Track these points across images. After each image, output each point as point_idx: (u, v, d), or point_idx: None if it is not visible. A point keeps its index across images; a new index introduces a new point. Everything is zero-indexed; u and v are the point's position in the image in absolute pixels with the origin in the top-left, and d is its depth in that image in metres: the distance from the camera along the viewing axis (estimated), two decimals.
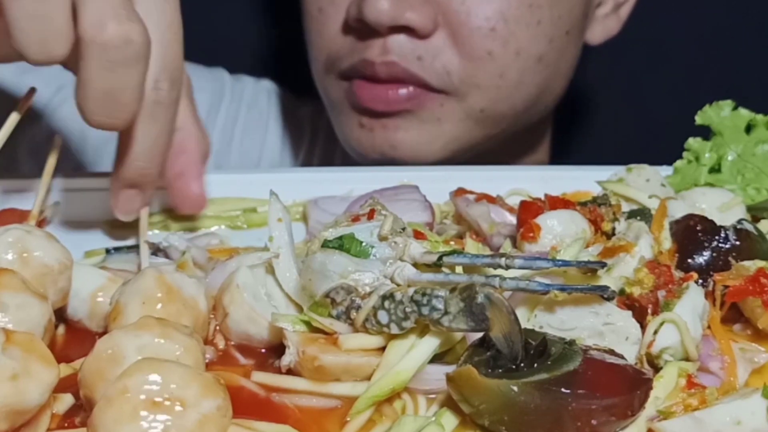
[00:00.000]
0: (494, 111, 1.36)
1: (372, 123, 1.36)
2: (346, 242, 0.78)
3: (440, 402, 0.75)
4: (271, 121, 1.68)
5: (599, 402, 0.69)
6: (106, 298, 0.83)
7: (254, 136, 1.65)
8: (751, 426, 0.70)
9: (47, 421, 0.69)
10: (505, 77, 1.33)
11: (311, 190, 1.08)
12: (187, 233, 1.04)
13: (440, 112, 1.34)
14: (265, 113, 1.68)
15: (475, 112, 1.35)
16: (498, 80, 1.33)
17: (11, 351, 0.67)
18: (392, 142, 1.35)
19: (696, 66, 1.80)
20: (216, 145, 1.60)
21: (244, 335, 0.81)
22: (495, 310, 0.70)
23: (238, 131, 1.64)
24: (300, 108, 1.70)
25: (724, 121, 1.10)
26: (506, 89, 1.34)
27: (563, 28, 1.37)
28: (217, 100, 1.63)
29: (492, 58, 1.31)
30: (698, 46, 1.78)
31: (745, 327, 0.83)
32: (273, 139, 1.67)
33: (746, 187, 1.07)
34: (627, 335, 0.76)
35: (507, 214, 0.98)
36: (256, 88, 1.70)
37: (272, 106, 1.69)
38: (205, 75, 1.65)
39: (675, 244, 0.87)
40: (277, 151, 1.66)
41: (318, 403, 0.75)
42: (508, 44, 1.31)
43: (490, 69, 1.32)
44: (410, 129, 1.35)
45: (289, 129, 1.68)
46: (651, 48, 1.77)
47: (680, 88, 1.77)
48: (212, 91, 1.63)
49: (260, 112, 1.67)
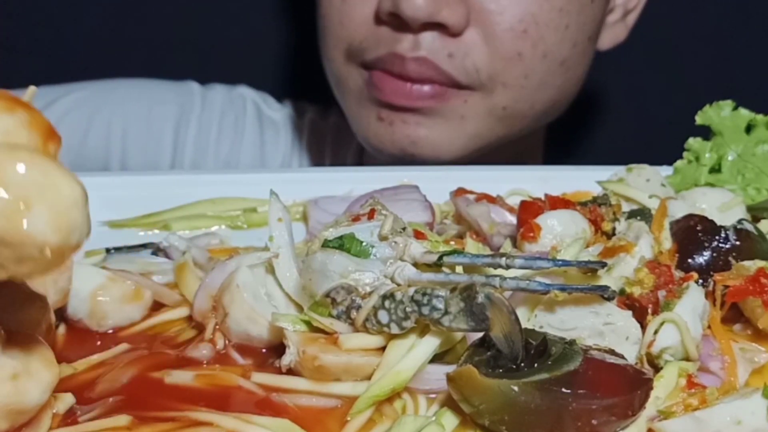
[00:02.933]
0: (515, 110, 1.37)
1: (392, 116, 1.35)
2: (347, 242, 0.78)
3: (440, 402, 0.74)
4: (248, 126, 1.68)
5: (599, 402, 0.69)
6: (107, 298, 0.83)
7: (230, 143, 1.66)
8: (752, 426, 0.70)
9: (48, 421, 0.69)
10: (530, 78, 1.35)
11: (311, 190, 1.08)
12: (187, 233, 1.04)
13: (464, 108, 1.35)
14: (241, 119, 1.68)
15: (498, 110, 1.36)
16: (523, 80, 1.35)
17: (11, 351, 0.67)
18: (413, 138, 1.35)
19: (696, 66, 1.80)
20: (191, 155, 1.62)
21: (244, 335, 0.81)
22: (495, 310, 0.70)
23: (213, 139, 1.65)
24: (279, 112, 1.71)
25: (724, 121, 1.10)
26: (529, 90, 1.36)
27: (586, 34, 1.39)
28: (187, 111, 1.64)
29: (521, 58, 1.33)
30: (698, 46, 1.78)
31: (746, 327, 0.83)
32: (249, 145, 1.67)
33: (746, 187, 1.07)
34: (627, 335, 0.76)
35: (507, 214, 0.98)
36: (231, 95, 1.70)
37: (249, 111, 1.69)
38: (172, 89, 1.66)
39: (675, 244, 0.87)
40: (256, 158, 1.66)
41: (318, 403, 0.75)
42: (537, 46, 1.33)
43: (518, 69, 1.33)
44: (433, 126, 1.35)
45: (267, 134, 1.68)
46: (651, 48, 1.77)
47: (680, 88, 1.77)
48: (180, 104, 1.64)
49: (236, 118, 1.68)
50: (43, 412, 0.69)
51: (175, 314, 0.87)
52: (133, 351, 0.82)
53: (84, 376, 0.78)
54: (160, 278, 0.92)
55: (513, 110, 1.37)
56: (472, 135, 1.37)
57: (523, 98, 1.37)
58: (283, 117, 1.71)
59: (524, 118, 1.40)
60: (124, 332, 0.85)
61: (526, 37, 1.32)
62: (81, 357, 0.80)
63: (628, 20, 1.54)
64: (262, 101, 1.72)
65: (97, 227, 1.04)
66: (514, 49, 1.32)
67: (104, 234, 1.04)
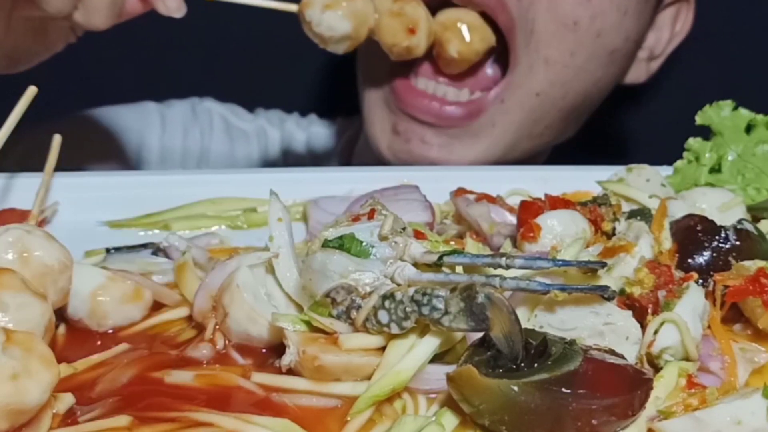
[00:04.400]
0: (546, 96, 1.30)
1: (409, 132, 1.29)
2: (347, 242, 0.78)
3: (440, 402, 0.75)
4: (215, 139, 1.65)
5: (599, 402, 0.69)
6: (107, 298, 0.83)
7: (197, 158, 1.63)
8: (752, 426, 0.70)
9: (48, 420, 0.69)
10: (576, 56, 1.29)
11: (311, 190, 1.08)
12: (187, 233, 1.04)
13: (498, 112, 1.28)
14: (207, 134, 1.65)
15: (531, 98, 1.29)
16: (568, 57, 1.28)
17: (12, 351, 0.67)
18: (433, 159, 1.28)
19: (696, 66, 1.79)
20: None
21: (244, 335, 0.81)
22: (495, 310, 0.70)
23: (177, 157, 1.62)
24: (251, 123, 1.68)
25: (724, 121, 1.10)
26: (569, 71, 1.30)
27: (637, 33, 1.34)
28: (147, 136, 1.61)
29: (575, 29, 1.26)
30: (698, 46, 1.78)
31: (745, 327, 0.84)
32: (218, 158, 1.64)
33: (746, 187, 1.07)
34: (627, 335, 0.76)
35: (507, 214, 0.98)
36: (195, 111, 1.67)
37: (215, 125, 1.66)
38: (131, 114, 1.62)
39: (675, 244, 0.87)
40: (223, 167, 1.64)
41: (318, 403, 0.75)
42: (595, 20, 1.27)
43: (568, 41, 1.27)
44: (460, 148, 1.29)
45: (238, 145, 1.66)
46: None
47: (680, 88, 1.77)
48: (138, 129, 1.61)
49: (202, 133, 1.64)
50: (43, 412, 0.69)
51: (175, 314, 0.87)
52: (133, 351, 0.82)
53: (84, 376, 0.78)
54: (160, 278, 0.92)
55: (545, 97, 1.30)
56: (498, 143, 1.31)
57: (560, 82, 1.30)
58: (256, 128, 1.67)
59: (551, 110, 1.33)
60: (124, 332, 0.85)
61: (588, 5, 1.26)
62: (81, 357, 0.80)
63: (651, 65, 1.51)
64: (231, 113, 1.68)
65: (97, 227, 1.05)
66: (572, 15, 1.26)
67: (104, 234, 1.04)
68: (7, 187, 1.04)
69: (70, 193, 1.05)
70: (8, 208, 1.00)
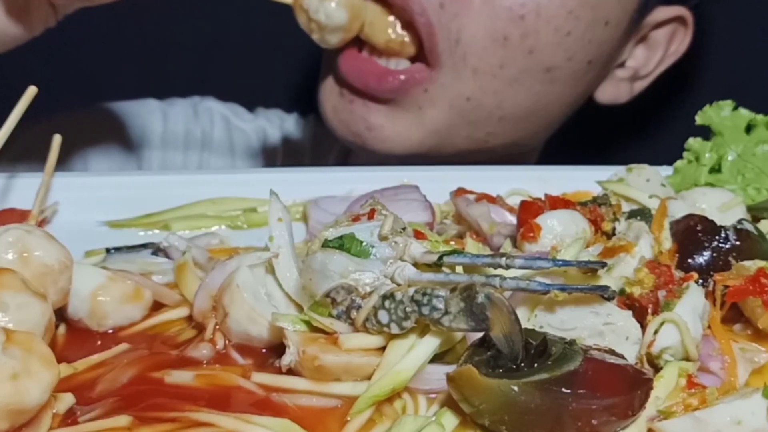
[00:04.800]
0: (480, 103, 1.31)
1: (353, 96, 1.32)
2: (347, 242, 0.78)
3: (440, 402, 0.75)
4: (216, 139, 1.65)
5: (599, 402, 0.69)
6: (107, 298, 0.83)
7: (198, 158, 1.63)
8: (752, 426, 0.70)
9: (48, 421, 0.69)
10: (505, 69, 1.28)
11: (311, 190, 1.08)
12: (187, 233, 1.04)
13: (423, 99, 1.30)
14: (209, 133, 1.65)
15: (461, 100, 1.30)
16: (497, 69, 1.28)
17: (12, 351, 0.67)
18: (370, 123, 1.32)
19: (696, 66, 1.79)
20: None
21: (244, 335, 0.81)
22: (495, 310, 0.70)
23: (179, 155, 1.62)
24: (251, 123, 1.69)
25: (724, 121, 1.10)
26: (500, 82, 1.29)
27: (588, 55, 1.32)
28: (149, 132, 1.61)
29: (505, 44, 1.26)
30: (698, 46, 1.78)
31: (746, 327, 0.84)
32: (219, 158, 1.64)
33: (746, 187, 1.07)
34: (627, 335, 0.76)
35: (507, 214, 0.98)
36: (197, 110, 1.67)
37: (216, 124, 1.66)
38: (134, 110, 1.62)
39: (675, 244, 0.87)
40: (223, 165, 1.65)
41: (318, 403, 0.75)
42: (526, 38, 1.26)
43: (497, 55, 1.27)
44: (391, 115, 1.31)
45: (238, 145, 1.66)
46: None
47: (680, 88, 1.77)
48: (140, 126, 1.61)
49: (203, 133, 1.65)
50: (43, 412, 0.69)
51: (175, 314, 0.87)
52: (133, 351, 0.82)
53: (84, 376, 0.78)
54: (160, 278, 0.92)
55: (478, 103, 1.30)
56: (430, 130, 1.32)
57: (491, 90, 1.30)
58: (255, 128, 1.68)
59: (489, 117, 1.33)
60: (124, 332, 0.85)
61: (520, 23, 1.25)
62: (81, 357, 0.80)
63: (635, 86, 1.49)
64: (232, 113, 1.69)
65: (97, 227, 1.05)
66: (502, 31, 1.25)
67: (104, 234, 1.04)
68: (7, 187, 1.04)
69: (70, 193, 1.05)
70: (8, 208, 1.00)
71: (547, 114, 1.39)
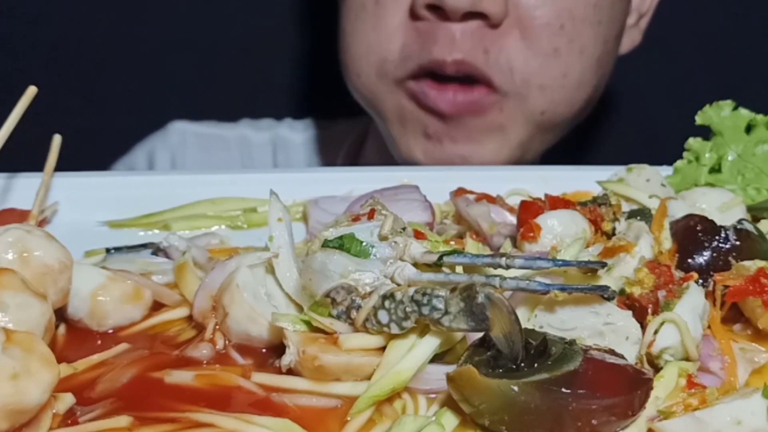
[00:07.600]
0: (554, 113, 1.37)
1: (439, 132, 1.34)
2: (347, 242, 0.78)
3: (440, 402, 0.75)
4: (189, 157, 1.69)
5: (599, 402, 0.69)
6: (107, 298, 0.83)
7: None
8: (752, 426, 0.70)
9: (48, 420, 0.69)
10: (569, 77, 1.34)
11: (311, 190, 1.08)
12: (187, 233, 1.04)
13: (501, 117, 1.34)
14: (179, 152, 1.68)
15: (536, 115, 1.35)
16: (562, 80, 1.34)
17: (12, 351, 0.67)
18: (465, 155, 1.35)
19: (696, 66, 1.80)
20: None
21: (244, 335, 0.81)
22: (495, 310, 0.70)
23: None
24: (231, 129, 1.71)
25: (724, 121, 1.10)
26: (569, 89, 1.36)
27: (614, 31, 1.39)
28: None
29: (558, 55, 1.32)
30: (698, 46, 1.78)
31: (745, 327, 0.84)
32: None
33: (746, 187, 1.07)
34: (627, 335, 0.76)
35: (507, 214, 0.98)
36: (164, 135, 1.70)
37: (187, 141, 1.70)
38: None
39: (675, 244, 0.87)
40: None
41: (318, 403, 0.75)
42: (573, 42, 1.32)
43: (555, 67, 1.33)
44: (481, 140, 1.35)
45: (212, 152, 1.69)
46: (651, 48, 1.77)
47: (680, 88, 1.77)
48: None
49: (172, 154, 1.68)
50: (43, 412, 0.69)
51: (175, 314, 0.87)
52: (133, 351, 0.82)
53: (84, 376, 0.78)
54: (160, 278, 0.92)
55: (552, 114, 1.36)
56: (515, 145, 1.36)
57: (563, 100, 1.36)
58: (236, 135, 1.70)
59: (563, 121, 1.39)
60: (124, 332, 0.85)
61: (563, 32, 1.31)
62: (81, 357, 0.80)
63: (641, 24, 1.54)
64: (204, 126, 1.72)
65: (97, 227, 1.05)
66: (551, 46, 1.31)
67: (104, 234, 1.04)
68: (7, 187, 1.04)
69: (70, 193, 1.05)
70: (8, 208, 1.00)
71: (600, 93, 1.46)
